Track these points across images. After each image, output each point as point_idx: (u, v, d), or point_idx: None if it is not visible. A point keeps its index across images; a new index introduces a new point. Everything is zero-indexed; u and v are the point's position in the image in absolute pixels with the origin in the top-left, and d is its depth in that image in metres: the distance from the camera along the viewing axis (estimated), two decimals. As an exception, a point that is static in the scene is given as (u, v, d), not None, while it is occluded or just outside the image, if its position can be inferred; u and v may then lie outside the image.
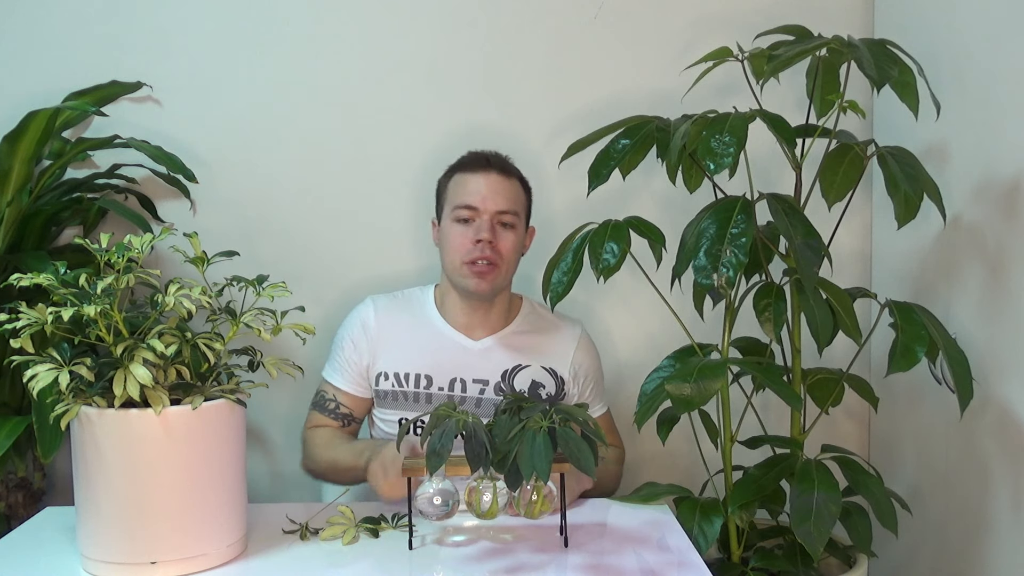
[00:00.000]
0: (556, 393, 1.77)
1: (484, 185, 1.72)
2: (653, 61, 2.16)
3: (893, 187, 1.57)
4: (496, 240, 1.71)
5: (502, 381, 1.75)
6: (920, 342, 1.49)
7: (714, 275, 1.44)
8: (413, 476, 1.37)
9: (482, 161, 1.76)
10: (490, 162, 1.75)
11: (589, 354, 1.85)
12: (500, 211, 1.71)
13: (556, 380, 1.78)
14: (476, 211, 1.71)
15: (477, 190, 1.72)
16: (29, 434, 1.71)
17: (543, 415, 1.27)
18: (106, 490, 1.25)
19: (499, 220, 1.72)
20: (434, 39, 2.18)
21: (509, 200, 1.73)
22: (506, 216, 1.72)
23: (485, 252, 1.69)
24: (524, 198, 1.79)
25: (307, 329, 1.37)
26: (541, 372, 1.78)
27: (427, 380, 1.74)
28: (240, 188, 2.17)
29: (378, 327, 1.78)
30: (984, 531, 1.71)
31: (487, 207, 1.71)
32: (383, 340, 1.78)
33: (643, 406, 1.58)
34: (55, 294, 1.24)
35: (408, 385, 1.74)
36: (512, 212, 1.73)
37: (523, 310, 1.85)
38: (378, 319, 1.79)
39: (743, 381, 1.76)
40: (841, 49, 1.52)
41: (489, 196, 1.71)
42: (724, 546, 1.66)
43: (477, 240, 1.69)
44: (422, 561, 1.33)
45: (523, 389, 1.75)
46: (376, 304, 1.82)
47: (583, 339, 1.85)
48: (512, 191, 1.75)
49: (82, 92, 2.08)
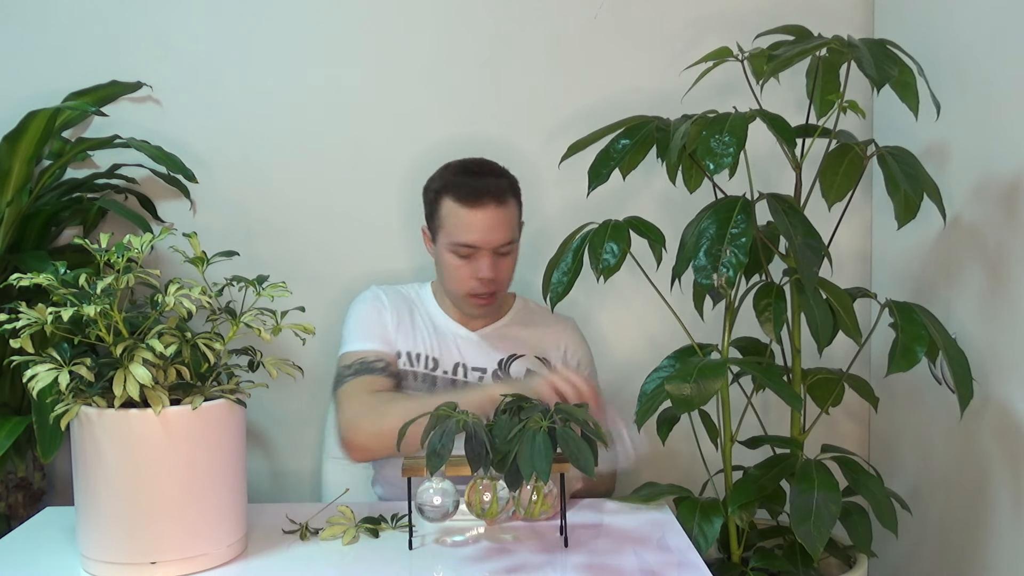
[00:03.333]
0: None
1: (482, 222, 1.68)
2: (653, 61, 2.16)
3: (893, 187, 1.57)
4: (496, 271, 1.71)
5: (499, 369, 1.78)
6: (920, 342, 1.49)
7: (714, 275, 1.44)
8: (413, 476, 1.37)
9: (477, 194, 1.68)
10: (484, 194, 1.68)
11: (581, 345, 1.88)
12: (499, 245, 1.70)
13: (550, 369, 1.78)
14: (475, 248, 1.69)
15: (475, 227, 1.68)
16: (29, 434, 1.71)
17: (543, 415, 1.27)
18: (106, 490, 1.25)
19: (498, 251, 1.71)
20: (434, 39, 2.18)
21: (507, 231, 1.70)
22: (504, 247, 1.71)
23: (489, 287, 1.71)
24: (518, 213, 1.76)
25: (307, 329, 1.37)
26: (535, 361, 1.80)
27: (434, 362, 1.77)
28: (240, 188, 2.16)
29: (391, 307, 1.81)
30: (984, 531, 1.71)
31: (487, 244, 1.68)
32: (395, 320, 1.80)
33: (643, 406, 1.58)
34: (55, 294, 1.24)
35: (419, 365, 1.76)
36: (510, 241, 1.71)
37: (515, 305, 1.89)
38: (389, 301, 1.83)
39: (743, 381, 1.76)
40: (841, 49, 1.52)
41: (488, 233, 1.68)
42: (724, 546, 1.66)
43: (479, 277, 1.69)
44: (422, 561, 1.33)
45: (519, 376, 1.76)
46: (383, 289, 1.86)
47: (574, 331, 1.89)
48: (508, 219, 1.71)
49: (82, 92, 2.08)
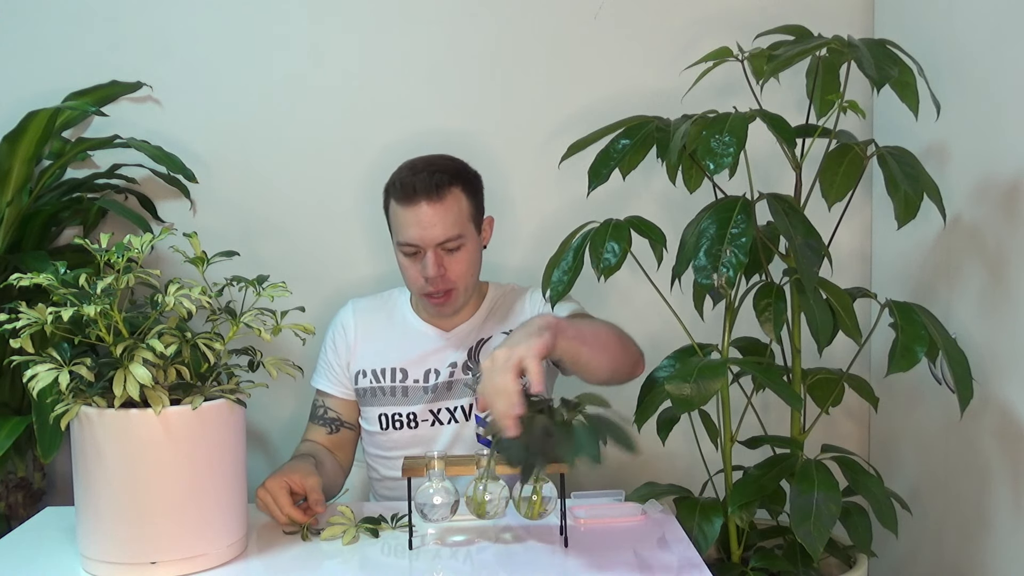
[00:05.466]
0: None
1: (417, 220, 1.64)
2: (653, 61, 2.16)
3: (893, 187, 1.57)
4: (446, 267, 1.67)
5: (468, 360, 1.75)
6: (920, 342, 1.49)
7: (714, 275, 1.44)
8: (413, 476, 1.37)
9: (408, 191, 1.64)
10: (416, 190, 1.64)
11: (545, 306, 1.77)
12: (440, 242, 1.65)
13: None
14: (417, 247, 1.66)
15: (411, 224, 1.65)
16: (29, 434, 1.71)
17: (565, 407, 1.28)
18: (106, 490, 1.24)
19: (443, 248, 1.66)
20: (434, 39, 2.18)
21: (447, 226, 1.65)
22: (449, 243, 1.66)
23: (437, 285, 1.68)
24: (467, 207, 1.69)
25: (307, 329, 1.37)
26: (503, 338, 1.72)
27: (403, 373, 1.76)
28: (240, 188, 2.17)
29: (356, 327, 1.81)
30: (984, 531, 1.71)
31: (426, 242, 1.65)
32: (361, 339, 1.80)
33: (643, 406, 1.58)
34: (55, 294, 1.24)
35: (385, 380, 1.76)
36: (454, 237, 1.65)
37: (489, 294, 1.82)
38: (356, 320, 1.82)
39: (743, 381, 1.76)
40: (841, 49, 1.52)
41: (426, 230, 1.64)
42: (724, 546, 1.66)
43: (425, 276, 1.66)
44: (422, 561, 1.33)
45: None
46: (355, 306, 1.85)
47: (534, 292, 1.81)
48: (448, 215, 1.65)
49: (82, 92, 2.09)
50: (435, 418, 1.74)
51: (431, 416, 1.74)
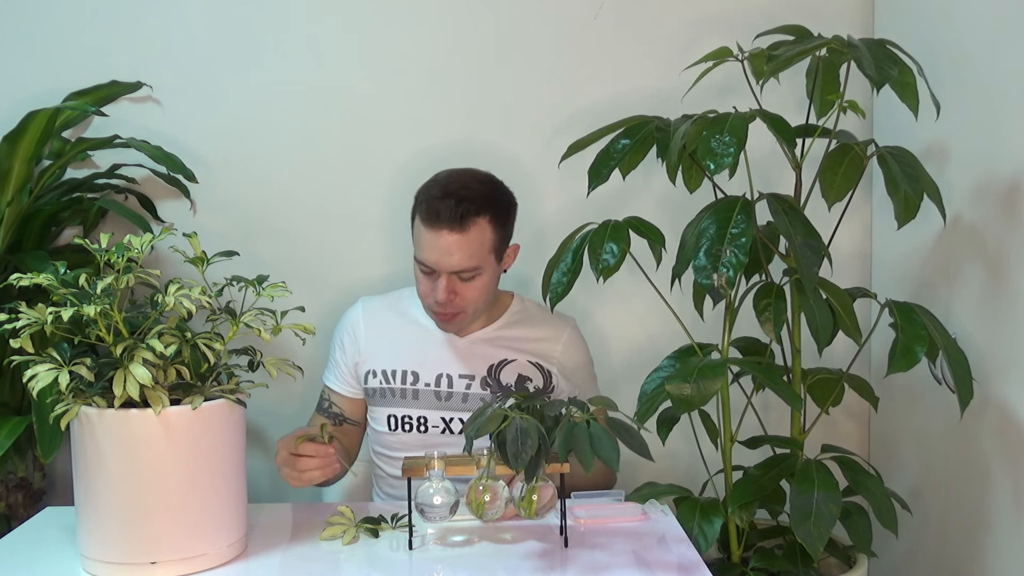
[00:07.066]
0: (544, 387, 1.76)
1: (435, 245, 1.62)
2: (653, 61, 2.16)
3: (893, 187, 1.57)
4: (457, 292, 1.66)
5: (488, 376, 1.75)
6: (920, 342, 1.49)
7: (714, 275, 1.44)
8: (413, 476, 1.37)
9: (433, 216, 1.62)
10: (440, 217, 1.61)
11: (578, 349, 1.82)
12: (455, 271, 1.64)
13: (543, 374, 1.76)
14: (432, 269, 1.65)
15: (430, 249, 1.63)
16: (29, 434, 1.71)
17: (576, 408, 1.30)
18: (106, 490, 1.24)
19: (458, 275, 1.65)
20: (434, 40, 2.18)
21: (464, 257, 1.62)
22: (464, 273, 1.64)
23: (445, 308, 1.67)
24: (491, 238, 1.66)
25: (307, 329, 1.37)
26: (528, 366, 1.76)
27: (414, 376, 1.75)
28: (240, 188, 2.17)
29: (366, 327, 1.81)
30: (984, 531, 1.71)
31: (441, 267, 1.64)
32: (371, 339, 1.80)
33: (643, 406, 1.58)
34: (55, 294, 1.24)
35: (395, 381, 1.75)
36: (470, 268, 1.64)
37: (512, 307, 1.82)
38: (366, 319, 1.82)
39: (743, 381, 1.76)
40: (841, 49, 1.52)
41: (442, 257, 1.62)
42: (724, 546, 1.66)
43: (435, 299, 1.66)
44: (422, 561, 1.33)
45: (509, 383, 1.74)
46: (365, 305, 1.85)
47: (572, 334, 1.82)
48: (469, 247, 1.62)
49: (82, 92, 2.09)
50: (447, 426, 1.74)
51: (443, 423, 1.74)
